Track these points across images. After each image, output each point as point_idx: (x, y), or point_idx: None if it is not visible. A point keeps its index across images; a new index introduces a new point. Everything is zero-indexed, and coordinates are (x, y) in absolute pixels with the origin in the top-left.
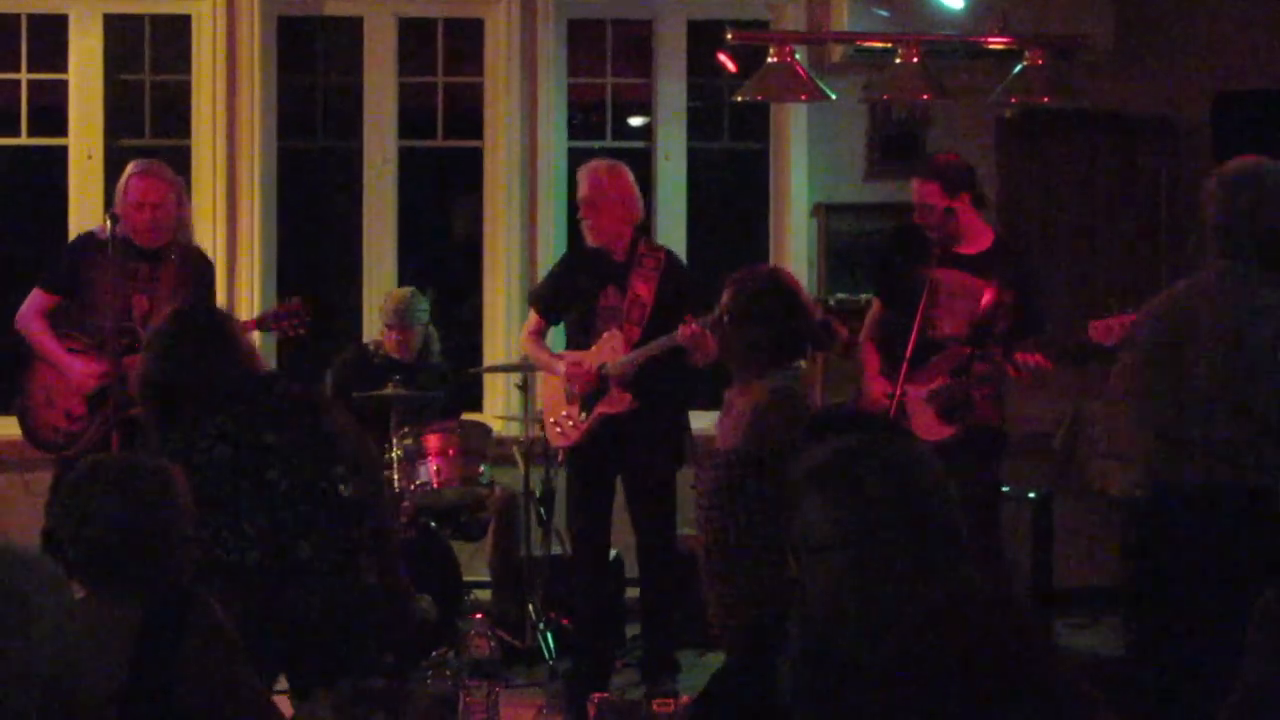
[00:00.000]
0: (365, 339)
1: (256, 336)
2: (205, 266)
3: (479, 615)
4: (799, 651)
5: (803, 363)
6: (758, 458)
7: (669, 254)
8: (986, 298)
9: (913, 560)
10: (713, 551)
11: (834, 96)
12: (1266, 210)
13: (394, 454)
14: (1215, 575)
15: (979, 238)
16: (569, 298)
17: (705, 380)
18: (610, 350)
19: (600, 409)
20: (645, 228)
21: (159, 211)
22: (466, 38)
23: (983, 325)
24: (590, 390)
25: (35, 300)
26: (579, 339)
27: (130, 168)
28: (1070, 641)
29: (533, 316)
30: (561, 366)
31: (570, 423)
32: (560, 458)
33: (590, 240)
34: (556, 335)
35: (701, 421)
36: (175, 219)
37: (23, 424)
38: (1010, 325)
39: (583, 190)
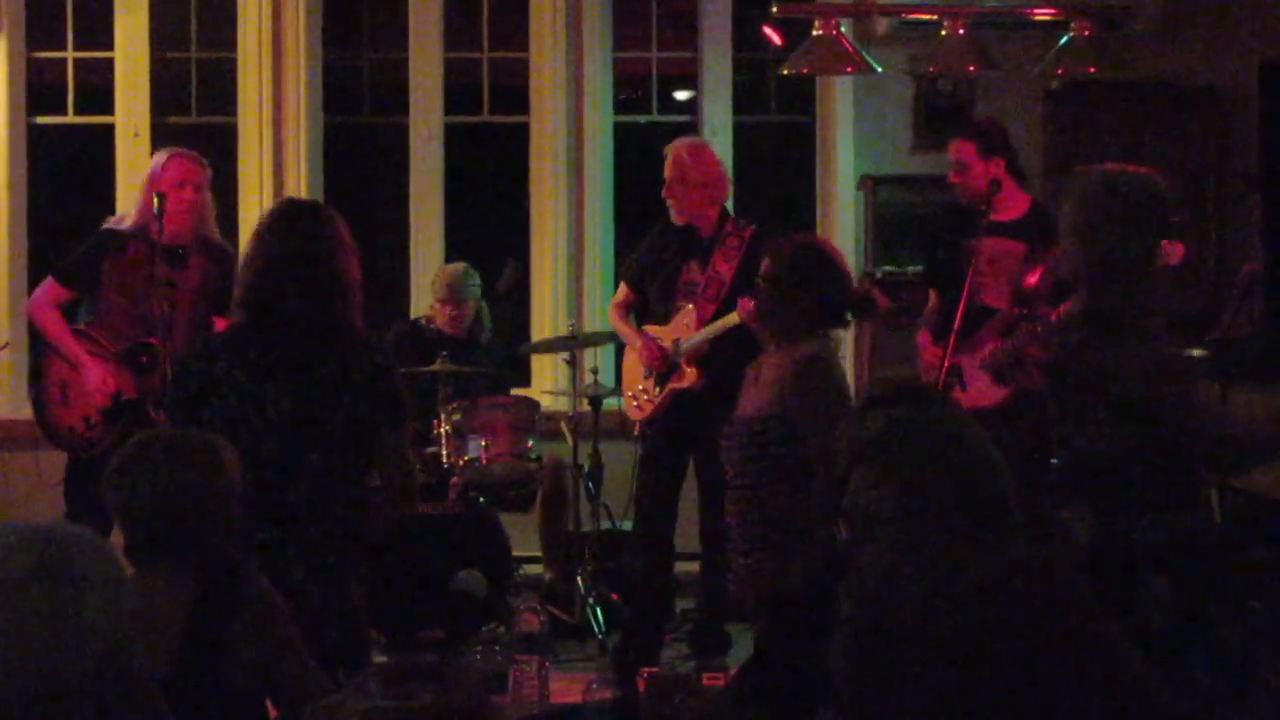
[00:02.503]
0: (414, 314)
1: None
2: (228, 261)
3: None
4: (850, 623)
5: (841, 331)
6: (786, 423)
7: (755, 232)
8: (1032, 277)
9: (964, 530)
10: (740, 520)
11: (880, 69)
12: None
13: (443, 429)
14: None
15: (1016, 203)
16: (653, 270)
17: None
18: (684, 326)
19: (672, 384)
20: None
21: (200, 194)
22: (512, 12)
23: (1029, 290)
24: (664, 365)
25: (49, 291)
26: (661, 312)
27: (162, 153)
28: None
29: (621, 288)
30: (639, 341)
31: (645, 396)
32: (636, 430)
33: (675, 219)
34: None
35: None
36: (207, 207)
37: (37, 415)
38: (1054, 285)
39: (667, 170)
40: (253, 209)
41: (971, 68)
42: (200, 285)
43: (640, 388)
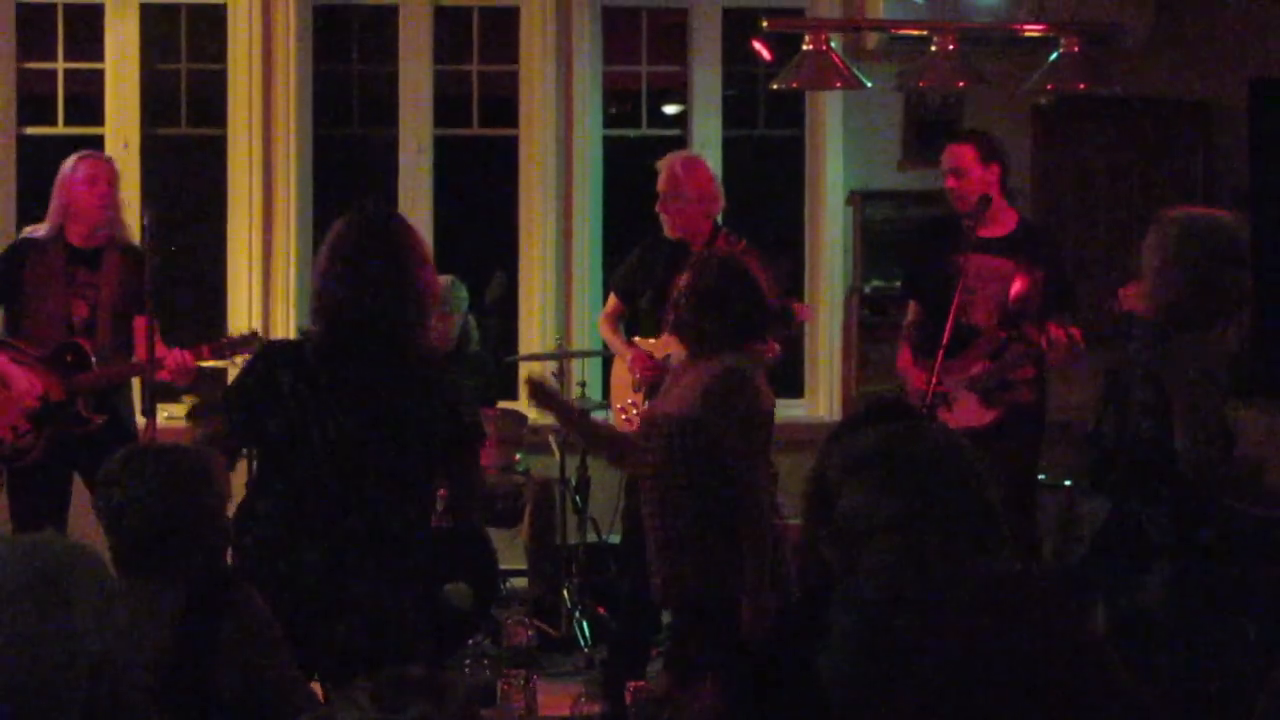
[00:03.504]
0: None
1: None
2: (141, 260)
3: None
4: (844, 636)
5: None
6: (702, 427)
7: (746, 247)
8: (1017, 284)
9: (959, 540)
10: (658, 513)
11: (869, 84)
12: None
13: None
14: None
15: (1004, 220)
16: (644, 284)
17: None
18: (675, 341)
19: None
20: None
21: (110, 191)
22: (502, 26)
23: (1015, 308)
24: (653, 379)
25: None
26: (651, 326)
27: (72, 158)
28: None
29: (611, 299)
30: (629, 353)
31: (635, 410)
32: None
33: (668, 233)
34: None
35: None
36: (118, 205)
37: None
38: (1042, 304)
39: (660, 185)
40: (242, 221)
41: (961, 83)
42: (118, 285)
43: (629, 401)
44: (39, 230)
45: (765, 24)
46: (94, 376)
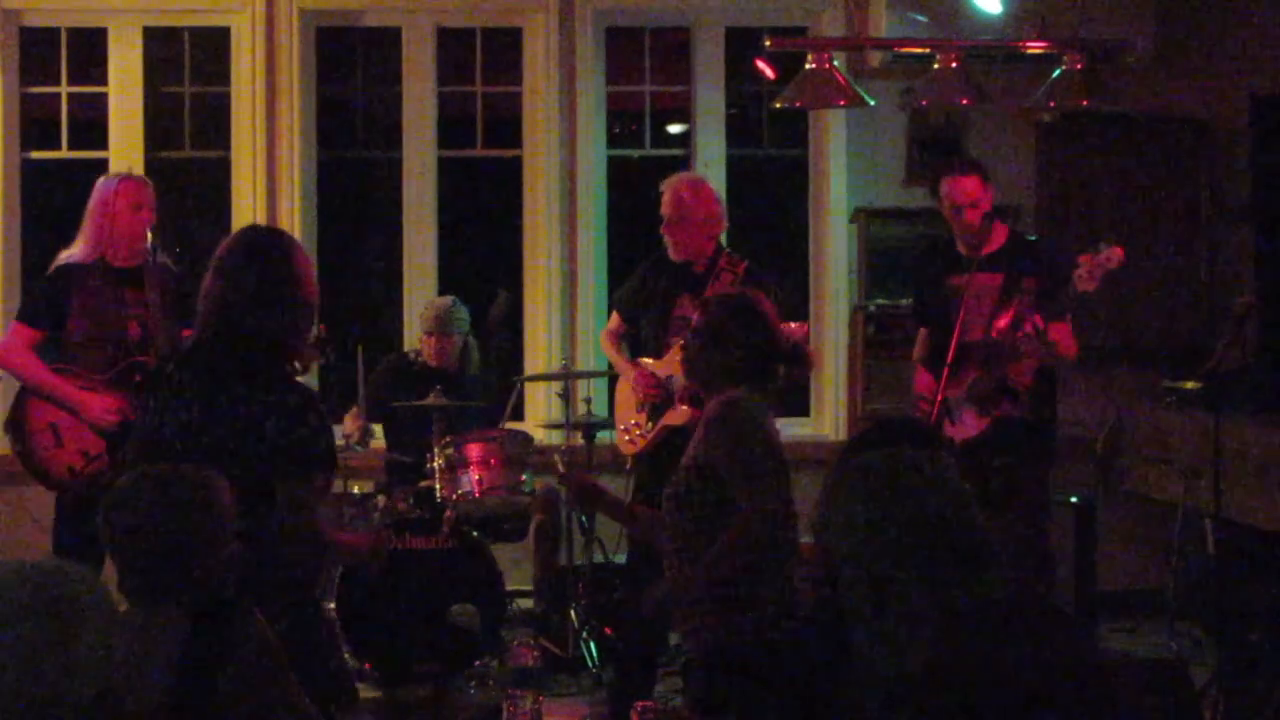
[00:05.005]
0: (406, 347)
1: None
2: (180, 280)
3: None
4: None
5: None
6: (703, 466)
7: (750, 268)
8: (1001, 322)
9: (943, 569)
10: (671, 556)
11: (873, 102)
12: None
13: (436, 463)
14: None
15: (996, 235)
16: (646, 303)
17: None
18: (678, 362)
19: (665, 420)
20: None
21: (151, 214)
22: (505, 47)
23: (1000, 330)
24: (657, 400)
25: (18, 335)
26: (655, 346)
27: (105, 181)
28: (1114, 645)
29: (614, 318)
30: (632, 372)
31: (638, 430)
32: (628, 465)
33: (673, 255)
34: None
35: None
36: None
37: (28, 465)
38: (1033, 310)
39: (665, 208)
40: None
41: (964, 101)
42: (165, 301)
43: (633, 421)
44: (74, 255)
45: (768, 43)
46: None
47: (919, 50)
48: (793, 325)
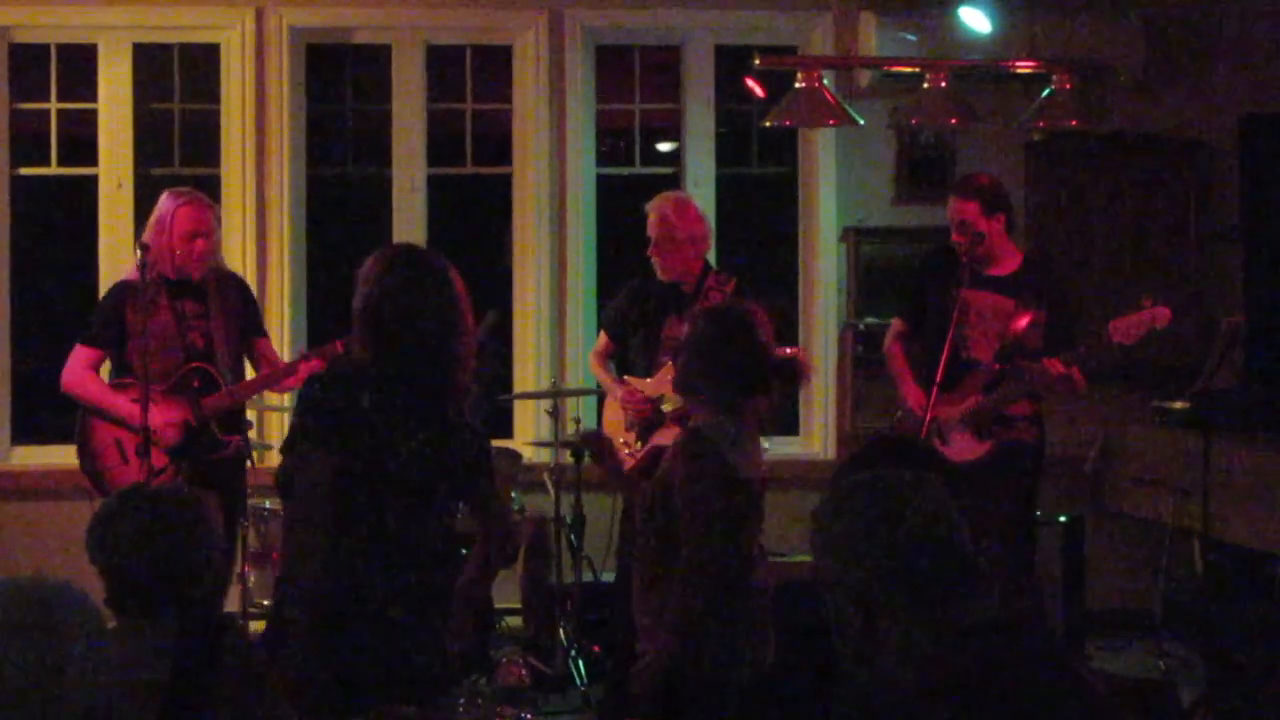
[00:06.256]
0: None
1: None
2: (245, 288)
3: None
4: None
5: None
6: (662, 494)
7: (738, 287)
8: (1021, 321)
9: (931, 591)
10: (636, 576)
11: (862, 121)
12: None
13: None
14: None
15: (1009, 259)
16: (634, 323)
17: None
18: (666, 383)
19: (655, 440)
20: None
21: (210, 240)
22: (495, 64)
23: (1013, 343)
24: (646, 417)
25: (80, 357)
26: (644, 367)
27: (170, 199)
28: (1103, 664)
29: (601, 337)
30: (619, 391)
31: (627, 450)
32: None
33: (661, 277)
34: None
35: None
36: (218, 245)
37: (98, 484)
38: (1042, 342)
39: (651, 229)
40: (235, 260)
41: (953, 120)
42: (225, 312)
43: (621, 440)
44: (134, 273)
45: (758, 61)
46: (224, 395)
47: (908, 69)
48: (788, 350)
